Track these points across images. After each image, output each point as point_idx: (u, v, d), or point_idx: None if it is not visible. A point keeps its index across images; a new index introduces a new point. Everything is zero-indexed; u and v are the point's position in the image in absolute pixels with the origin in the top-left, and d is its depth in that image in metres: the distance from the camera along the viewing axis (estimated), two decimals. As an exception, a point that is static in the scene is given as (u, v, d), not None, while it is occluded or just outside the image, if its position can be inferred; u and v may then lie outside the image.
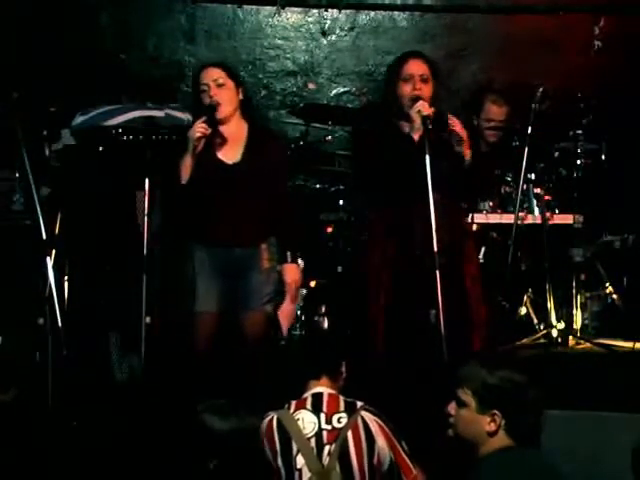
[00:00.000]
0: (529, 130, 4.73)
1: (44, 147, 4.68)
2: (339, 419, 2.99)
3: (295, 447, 2.94)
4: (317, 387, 3.10)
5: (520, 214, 4.84)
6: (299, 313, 4.79)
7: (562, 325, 4.90)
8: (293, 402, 3.07)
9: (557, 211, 5.02)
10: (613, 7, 5.87)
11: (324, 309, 4.92)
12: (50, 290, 3.66)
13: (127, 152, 4.59)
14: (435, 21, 5.88)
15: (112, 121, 4.65)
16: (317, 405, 3.02)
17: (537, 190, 5.02)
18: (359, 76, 5.88)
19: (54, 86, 5.23)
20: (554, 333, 4.85)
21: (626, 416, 3.30)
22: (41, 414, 3.60)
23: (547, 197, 4.99)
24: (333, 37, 5.86)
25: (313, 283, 4.95)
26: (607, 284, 5.20)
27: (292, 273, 4.05)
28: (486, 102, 5.29)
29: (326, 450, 2.94)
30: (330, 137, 5.33)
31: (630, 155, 5.46)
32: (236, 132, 4.02)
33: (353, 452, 2.94)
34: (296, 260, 4.11)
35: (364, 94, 5.85)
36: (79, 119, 4.70)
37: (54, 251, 4.06)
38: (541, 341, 4.86)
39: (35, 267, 3.85)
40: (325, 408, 3.01)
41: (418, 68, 4.11)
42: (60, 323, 3.60)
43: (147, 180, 4.06)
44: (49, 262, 3.66)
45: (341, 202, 5.22)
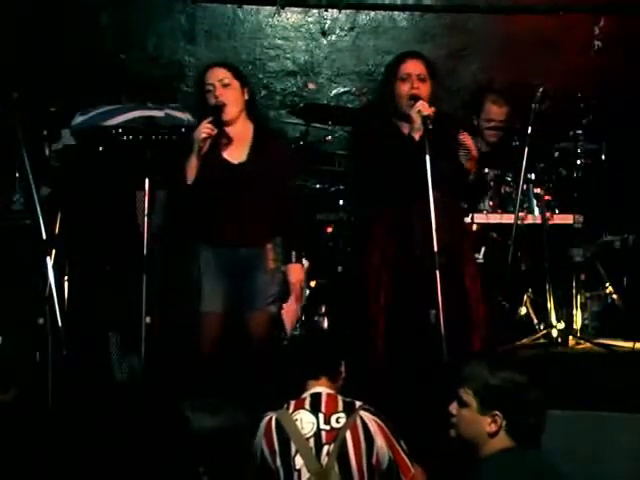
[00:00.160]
0: (529, 130, 4.74)
1: (44, 147, 4.67)
2: (338, 419, 2.98)
3: (294, 447, 2.94)
4: (316, 387, 3.09)
5: (520, 214, 4.84)
6: (299, 313, 4.79)
7: (562, 325, 4.90)
8: (292, 402, 3.06)
9: (557, 211, 5.02)
10: (613, 7, 5.87)
11: (324, 309, 4.92)
12: (50, 290, 3.65)
13: (127, 152, 4.58)
14: (435, 21, 5.88)
15: (112, 121, 4.64)
16: (316, 405, 3.02)
17: (537, 190, 5.02)
18: (359, 76, 5.88)
19: (54, 86, 5.22)
20: (554, 333, 4.85)
21: (626, 416, 3.30)
22: (41, 414, 3.60)
23: (547, 197, 4.99)
24: (333, 37, 5.86)
25: (313, 283, 4.94)
26: (607, 284, 5.20)
27: (296, 273, 4.04)
28: (486, 102, 5.29)
29: (325, 450, 2.94)
30: (330, 137, 5.33)
31: (630, 155, 5.45)
32: (242, 132, 4.02)
33: (352, 452, 2.93)
34: (300, 260, 4.10)
35: (364, 94, 5.84)
36: (79, 119, 4.70)
37: (54, 251, 4.06)
38: (541, 341, 4.86)
39: (35, 267, 3.85)
40: (324, 408, 3.01)
41: (415, 68, 4.12)
42: (60, 323, 3.60)
43: (147, 180, 4.07)
44: (49, 262, 3.66)
45: (341, 202, 5.21)
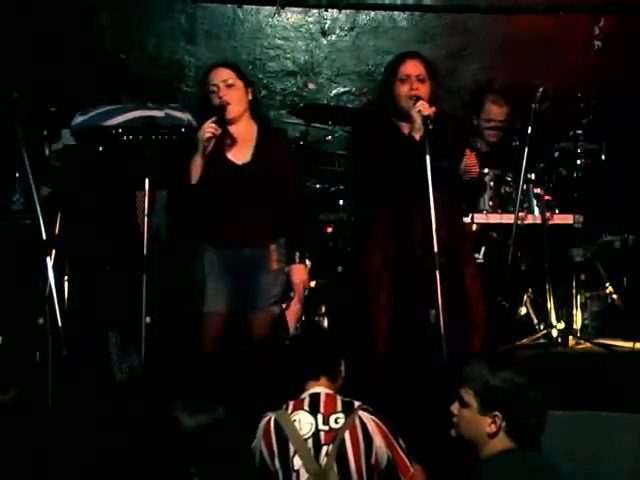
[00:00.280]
0: (529, 130, 4.73)
1: (44, 147, 4.67)
2: (336, 419, 2.98)
3: (292, 448, 2.93)
4: (315, 387, 3.09)
5: (520, 214, 4.84)
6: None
7: (562, 325, 4.90)
8: (291, 403, 3.06)
9: (557, 211, 5.02)
10: (613, 7, 5.87)
11: (324, 309, 4.92)
12: (50, 290, 3.65)
13: (127, 152, 4.58)
14: (435, 21, 5.88)
15: (112, 121, 4.64)
16: (314, 406, 3.02)
17: (537, 190, 5.02)
18: (359, 76, 5.88)
19: (54, 86, 5.22)
20: (554, 333, 4.84)
21: (626, 416, 3.30)
22: (41, 414, 3.60)
23: (547, 197, 4.99)
24: (333, 37, 5.86)
25: (313, 283, 4.94)
26: (607, 284, 5.20)
27: (300, 273, 4.03)
28: (486, 102, 5.29)
29: (323, 451, 2.93)
30: (330, 137, 5.33)
31: (630, 155, 5.45)
32: (246, 132, 4.02)
33: (351, 452, 2.93)
34: (304, 260, 4.09)
35: (364, 94, 5.84)
36: (79, 119, 4.69)
37: (54, 251, 4.06)
38: (541, 341, 4.85)
39: (35, 267, 3.85)
40: (322, 409, 3.00)
41: (415, 69, 4.12)
42: (60, 323, 3.60)
43: (147, 180, 4.07)
44: (49, 262, 3.66)
45: (341, 202, 5.21)
